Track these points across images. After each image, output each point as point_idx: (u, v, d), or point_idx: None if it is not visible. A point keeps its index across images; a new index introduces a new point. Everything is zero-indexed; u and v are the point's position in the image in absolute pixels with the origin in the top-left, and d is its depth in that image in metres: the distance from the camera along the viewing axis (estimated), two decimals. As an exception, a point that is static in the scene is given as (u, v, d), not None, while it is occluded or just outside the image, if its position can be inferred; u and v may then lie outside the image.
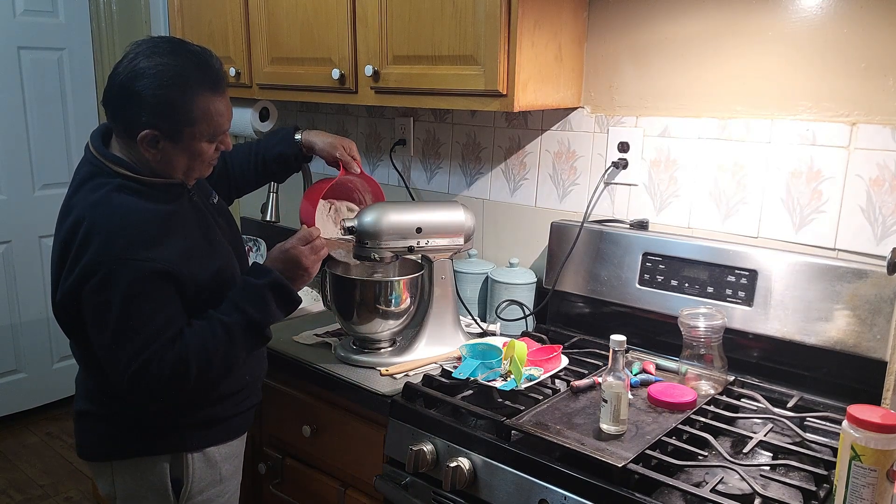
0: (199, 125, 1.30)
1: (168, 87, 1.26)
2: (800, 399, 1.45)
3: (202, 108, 1.30)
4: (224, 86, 1.35)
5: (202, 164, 1.37)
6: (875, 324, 1.38)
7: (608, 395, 1.27)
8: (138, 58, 1.27)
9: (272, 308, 1.36)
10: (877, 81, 1.42)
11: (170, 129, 1.29)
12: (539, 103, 1.70)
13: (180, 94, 1.27)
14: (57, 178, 3.35)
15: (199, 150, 1.33)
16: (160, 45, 1.30)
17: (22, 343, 3.34)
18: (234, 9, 2.18)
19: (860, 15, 1.42)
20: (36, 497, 2.86)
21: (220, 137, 1.37)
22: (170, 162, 1.33)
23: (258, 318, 1.34)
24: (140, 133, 1.27)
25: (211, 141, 1.34)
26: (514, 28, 1.55)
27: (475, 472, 1.32)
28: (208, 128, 1.32)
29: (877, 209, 1.44)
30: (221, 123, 1.34)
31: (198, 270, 1.32)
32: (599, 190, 1.82)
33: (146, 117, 1.27)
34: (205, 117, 1.30)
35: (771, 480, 1.19)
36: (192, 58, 1.30)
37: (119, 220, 1.26)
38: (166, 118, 1.28)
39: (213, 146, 1.36)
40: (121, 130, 1.32)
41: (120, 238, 1.24)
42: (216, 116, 1.32)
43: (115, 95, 1.29)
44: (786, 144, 1.54)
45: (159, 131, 1.28)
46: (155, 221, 1.29)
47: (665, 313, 1.62)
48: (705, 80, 1.63)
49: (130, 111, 1.28)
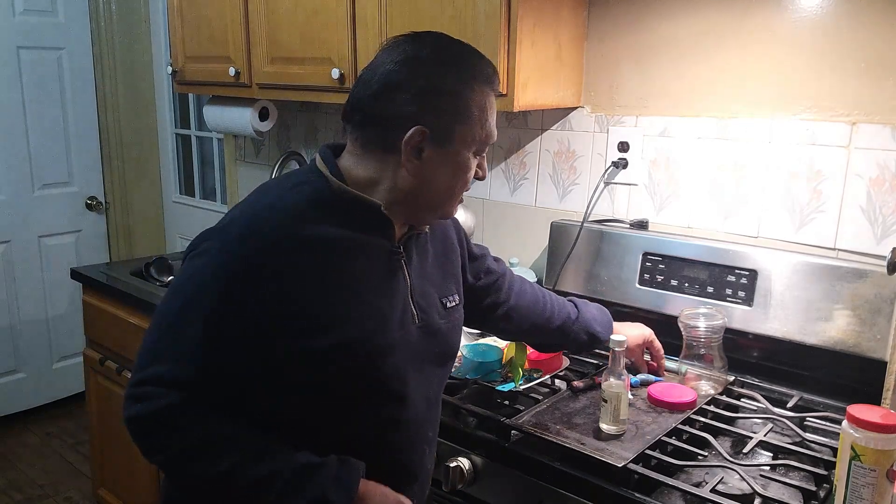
0: (474, 126, 1.02)
1: (446, 67, 1.00)
2: (800, 399, 1.45)
3: (479, 103, 1.02)
4: (497, 89, 1.07)
5: (462, 187, 1.06)
6: (875, 324, 1.38)
7: (608, 395, 1.27)
8: (398, 46, 1.02)
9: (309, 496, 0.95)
10: (877, 81, 1.41)
11: (441, 126, 1.00)
12: (539, 103, 1.70)
13: (457, 79, 1.00)
14: (56, 177, 3.35)
15: (466, 164, 1.04)
16: (421, 34, 1.05)
17: (21, 343, 3.33)
18: (234, 9, 2.18)
19: (860, 14, 1.42)
20: (35, 497, 2.85)
21: (483, 156, 1.08)
22: (431, 180, 1.03)
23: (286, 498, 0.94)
24: (406, 133, 0.98)
25: (477, 153, 1.06)
26: (513, 28, 1.55)
27: (475, 472, 1.32)
28: (482, 132, 1.04)
29: (877, 209, 1.44)
30: (493, 132, 1.06)
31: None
32: (599, 190, 1.82)
33: (413, 108, 0.98)
34: (481, 117, 1.03)
35: (771, 480, 1.18)
36: (466, 46, 1.06)
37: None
38: (438, 111, 0.99)
39: (474, 164, 1.06)
40: (371, 139, 1.02)
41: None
42: (490, 118, 1.05)
43: (370, 95, 1.00)
44: (786, 144, 1.54)
45: (429, 129, 0.99)
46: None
47: (665, 313, 1.62)
48: (705, 80, 1.63)
49: (390, 106, 0.99)
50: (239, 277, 0.95)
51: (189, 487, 1.03)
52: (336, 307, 0.99)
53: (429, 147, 1.00)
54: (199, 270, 0.98)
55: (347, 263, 1.01)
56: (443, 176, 1.03)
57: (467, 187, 1.08)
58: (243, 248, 0.96)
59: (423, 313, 1.11)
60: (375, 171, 1.03)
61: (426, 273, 1.15)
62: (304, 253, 0.98)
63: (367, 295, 1.03)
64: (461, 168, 1.04)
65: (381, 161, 1.02)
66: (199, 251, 0.99)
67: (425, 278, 1.14)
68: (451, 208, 1.10)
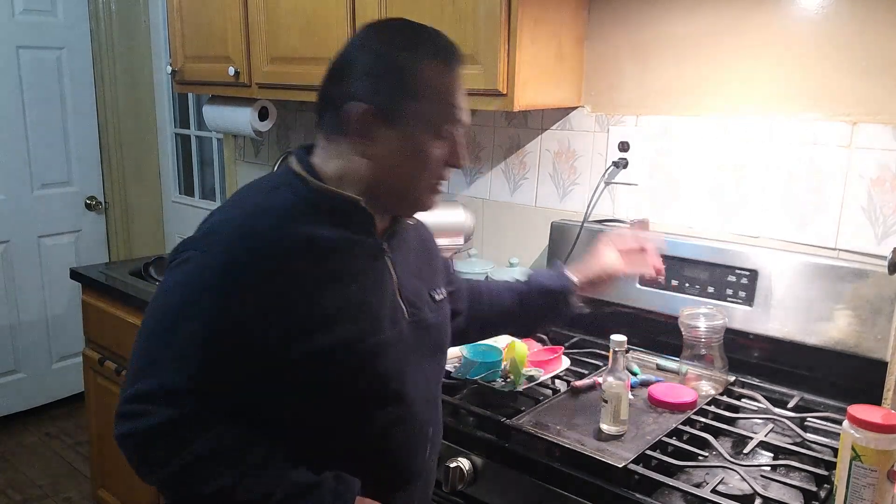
0: (427, 103, 0.98)
1: (395, 45, 0.99)
2: (800, 399, 1.45)
3: (431, 79, 0.98)
4: (461, 67, 1.02)
5: (430, 174, 1.01)
6: (876, 324, 1.37)
7: (608, 396, 1.26)
8: (361, 30, 1.03)
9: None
10: (878, 80, 1.41)
11: (389, 103, 0.97)
12: (539, 102, 1.70)
13: (404, 55, 0.98)
14: (56, 177, 3.34)
15: (424, 147, 0.99)
16: (388, 20, 1.07)
17: (21, 343, 3.33)
18: (234, 8, 2.18)
19: (861, 14, 1.42)
20: (35, 497, 2.85)
21: (459, 142, 1.02)
22: (388, 164, 1.00)
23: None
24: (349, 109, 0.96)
25: (440, 136, 1.00)
26: (513, 27, 1.55)
27: (475, 472, 1.32)
28: (439, 110, 0.99)
29: (877, 209, 1.44)
30: (456, 112, 1.00)
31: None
32: (600, 189, 1.82)
33: (359, 86, 0.97)
34: (435, 95, 0.98)
35: (771, 481, 1.18)
36: (428, 28, 1.03)
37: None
38: (384, 87, 0.97)
39: (440, 148, 1.00)
40: (330, 126, 1.01)
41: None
42: (451, 97, 0.99)
43: (326, 79, 1.02)
44: (786, 144, 1.53)
45: (374, 105, 0.96)
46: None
47: (665, 313, 1.62)
48: (706, 80, 1.63)
49: (341, 87, 0.99)
50: (230, 283, 0.93)
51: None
52: (329, 307, 0.97)
53: (379, 127, 0.97)
54: (187, 280, 0.95)
55: (336, 263, 0.99)
56: (399, 158, 0.99)
57: (442, 175, 1.03)
58: (233, 253, 0.94)
59: (413, 308, 1.09)
60: (340, 161, 1.01)
61: (412, 267, 1.12)
62: (294, 254, 0.96)
63: (358, 294, 1.00)
64: (419, 150, 0.99)
65: (342, 149, 1.00)
66: (182, 260, 0.96)
67: (412, 272, 1.12)
68: (423, 198, 1.04)
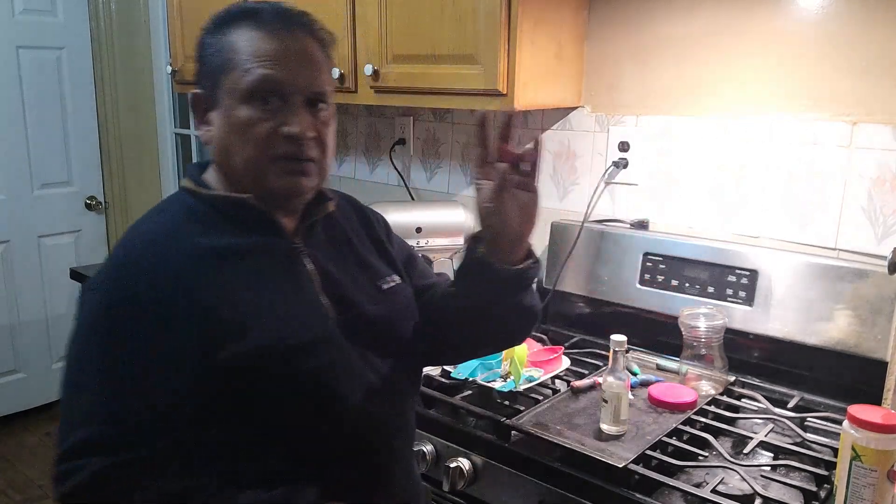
0: (235, 71, 0.92)
1: (208, 23, 0.98)
2: (800, 399, 1.45)
3: (234, 44, 0.93)
4: (289, 27, 0.95)
5: (260, 147, 0.92)
6: (876, 324, 1.37)
7: (608, 396, 1.26)
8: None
9: None
10: (877, 80, 1.41)
11: (212, 84, 0.95)
12: (539, 102, 1.70)
13: (214, 31, 0.96)
14: (56, 177, 3.34)
15: (240, 118, 0.92)
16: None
17: (21, 343, 3.33)
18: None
19: (860, 14, 1.41)
20: (35, 497, 2.85)
21: (287, 109, 0.93)
22: (223, 147, 0.96)
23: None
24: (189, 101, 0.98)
25: (251, 100, 0.92)
26: (514, 27, 1.55)
27: (475, 472, 1.32)
28: (241, 74, 0.92)
29: (877, 209, 1.44)
30: (253, 69, 0.91)
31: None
32: (600, 189, 1.82)
33: (196, 76, 0.98)
34: (238, 58, 0.92)
35: (771, 481, 1.18)
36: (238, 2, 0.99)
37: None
38: (206, 69, 0.96)
39: (256, 114, 0.92)
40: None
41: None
42: (243, 56, 0.92)
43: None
44: (786, 144, 1.53)
45: (202, 90, 0.96)
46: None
47: (665, 313, 1.62)
48: (706, 80, 1.63)
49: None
50: (118, 312, 0.89)
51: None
52: (233, 317, 0.90)
53: (212, 110, 0.96)
54: (80, 324, 0.93)
55: (237, 270, 0.93)
56: (227, 137, 0.94)
57: (274, 144, 0.92)
58: (118, 282, 0.91)
59: (343, 305, 1.01)
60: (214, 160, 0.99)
61: (346, 258, 1.06)
62: (186, 269, 0.91)
63: (267, 298, 0.94)
64: (237, 122, 0.92)
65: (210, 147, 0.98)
66: (79, 304, 0.95)
67: (345, 265, 1.05)
68: (269, 176, 0.94)
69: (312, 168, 0.96)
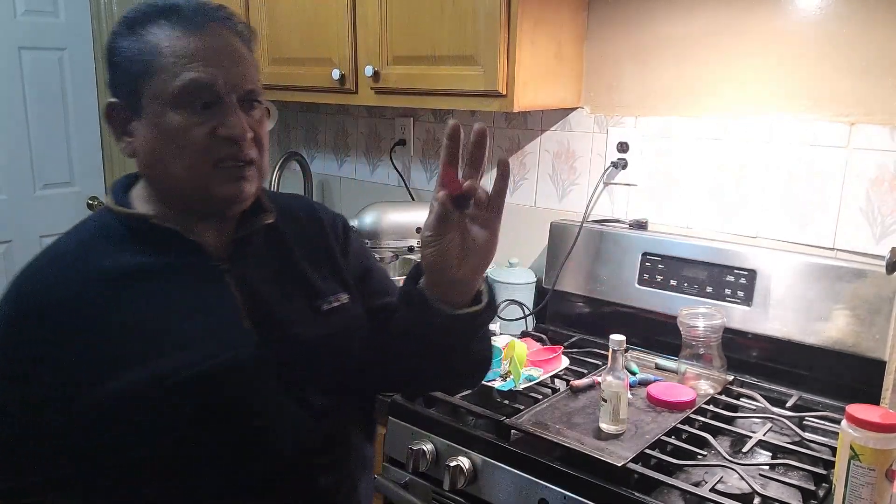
0: (159, 76, 0.84)
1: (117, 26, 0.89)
2: (799, 399, 1.45)
3: (153, 47, 0.85)
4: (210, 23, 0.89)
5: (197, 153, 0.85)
6: (874, 323, 1.38)
7: (608, 395, 1.27)
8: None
9: None
10: (876, 81, 1.42)
11: (130, 92, 0.86)
12: (539, 103, 1.70)
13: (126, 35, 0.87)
14: (57, 178, 3.35)
15: (172, 123, 0.85)
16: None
17: (22, 343, 3.34)
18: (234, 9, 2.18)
19: (860, 14, 1.42)
20: (36, 497, 2.85)
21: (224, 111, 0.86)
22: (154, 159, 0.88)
23: None
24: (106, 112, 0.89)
25: (182, 106, 0.85)
26: (513, 28, 1.55)
27: (475, 471, 1.32)
28: (166, 77, 0.84)
29: (876, 209, 1.44)
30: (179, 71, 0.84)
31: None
32: (599, 190, 1.82)
33: (109, 85, 0.90)
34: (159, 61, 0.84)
35: (770, 480, 1.18)
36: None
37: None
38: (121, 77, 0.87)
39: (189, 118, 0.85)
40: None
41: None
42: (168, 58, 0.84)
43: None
44: (785, 144, 1.54)
45: (119, 98, 0.88)
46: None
47: (664, 313, 1.62)
48: (705, 80, 1.63)
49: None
50: (12, 330, 0.85)
51: None
52: (132, 343, 0.84)
53: (133, 120, 0.87)
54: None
55: (144, 293, 0.87)
56: (157, 147, 0.86)
57: (212, 148, 0.86)
58: (18, 299, 0.86)
59: (265, 328, 0.92)
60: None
61: (282, 275, 0.97)
62: (87, 290, 0.85)
63: (175, 323, 0.87)
64: (168, 130, 0.85)
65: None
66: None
67: (280, 282, 0.96)
68: (212, 184, 0.87)
69: (252, 172, 0.90)
